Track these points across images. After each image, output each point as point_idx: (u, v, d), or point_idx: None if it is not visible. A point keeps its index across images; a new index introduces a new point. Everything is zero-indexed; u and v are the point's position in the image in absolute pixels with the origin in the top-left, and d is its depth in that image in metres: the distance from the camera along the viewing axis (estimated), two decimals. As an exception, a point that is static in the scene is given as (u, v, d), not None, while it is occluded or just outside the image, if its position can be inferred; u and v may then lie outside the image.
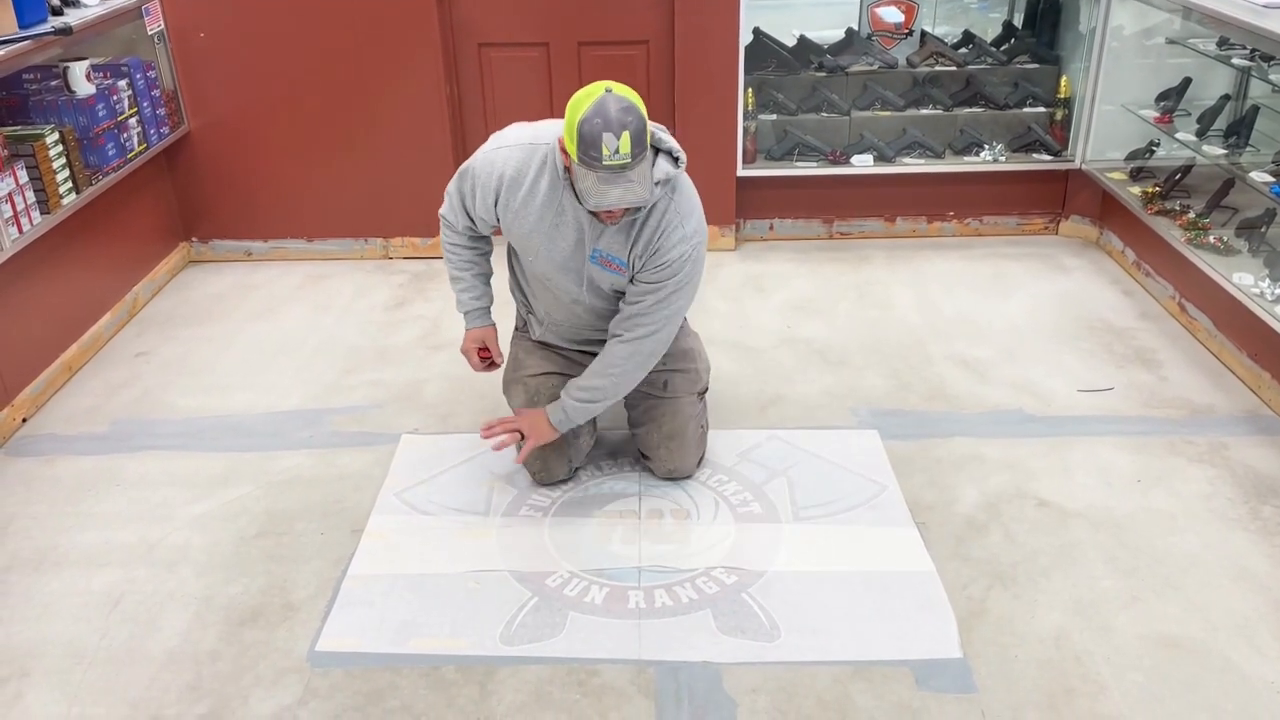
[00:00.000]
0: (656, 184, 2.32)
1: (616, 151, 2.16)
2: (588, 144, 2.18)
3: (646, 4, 3.95)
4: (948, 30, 4.46)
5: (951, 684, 2.13)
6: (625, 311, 2.52)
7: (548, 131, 2.47)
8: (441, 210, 2.69)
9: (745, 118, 4.07)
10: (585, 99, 2.21)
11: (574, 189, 2.34)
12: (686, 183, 2.50)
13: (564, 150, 2.28)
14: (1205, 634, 2.25)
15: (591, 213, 2.37)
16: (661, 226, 2.42)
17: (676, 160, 2.38)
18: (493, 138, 2.55)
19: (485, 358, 2.81)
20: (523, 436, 2.64)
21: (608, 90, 2.21)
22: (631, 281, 2.50)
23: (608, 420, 2.98)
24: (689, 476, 2.80)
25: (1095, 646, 2.22)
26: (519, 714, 2.10)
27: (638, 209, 2.38)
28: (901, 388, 3.23)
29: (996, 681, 2.14)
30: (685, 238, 2.44)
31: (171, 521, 2.70)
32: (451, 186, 2.64)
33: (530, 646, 2.26)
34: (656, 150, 2.35)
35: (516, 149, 2.48)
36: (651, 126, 2.30)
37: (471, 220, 2.63)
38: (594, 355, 2.74)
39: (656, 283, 2.46)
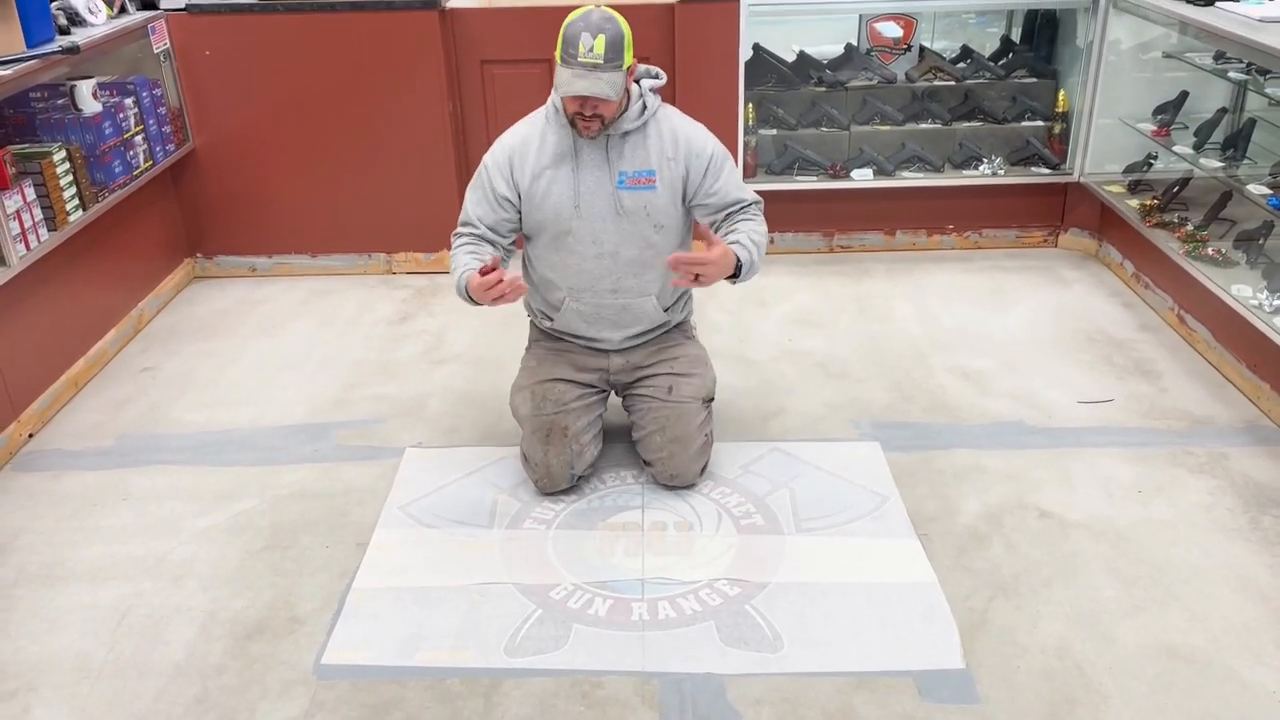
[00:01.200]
0: (653, 91, 2.63)
1: (591, 50, 2.41)
2: (568, 42, 2.44)
3: (647, 20, 3.99)
4: (946, 45, 4.49)
5: (954, 694, 2.14)
6: (720, 206, 2.70)
7: (541, 108, 2.71)
8: (456, 231, 2.77)
9: (746, 133, 4.11)
10: (576, 11, 2.49)
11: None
12: (672, 107, 2.75)
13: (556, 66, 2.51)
14: (1207, 643, 2.26)
15: (571, 124, 2.56)
16: (675, 131, 2.66)
17: (657, 76, 2.68)
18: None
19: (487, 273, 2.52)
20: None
21: (596, 5, 2.52)
22: (701, 187, 2.67)
23: (611, 429, 3.00)
24: (691, 485, 2.81)
25: (1097, 656, 2.23)
26: (524, 726, 2.11)
27: (613, 124, 2.57)
28: (903, 399, 3.25)
29: (999, 692, 2.15)
30: (705, 131, 2.71)
31: (178, 535, 2.72)
32: (467, 199, 2.74)
33: (535, 658, 2.27)
34: (638, 82, 2.64)
35: (517, 126, 2.71)
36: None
37: (492, 228, 2.71)
38: (603, 350, 2.81)
39: (716, 171, 2.68)
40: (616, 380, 2.87)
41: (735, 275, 2.60)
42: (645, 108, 2.61)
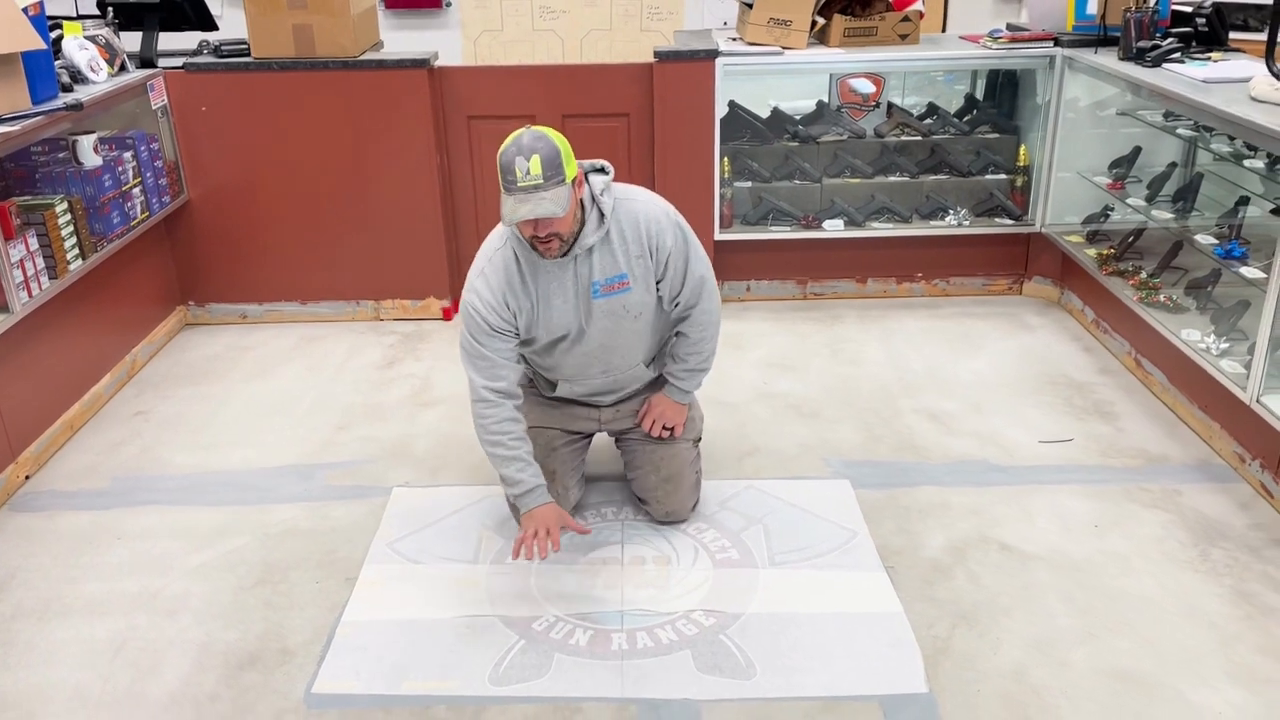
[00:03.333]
0: (601, 194, 2.56)
1: (528, 173, 2.36)
2: (504, 170, 2.39)
3: (627, 79, 4.17)
4: (914, 101, 4.70)
5: (918, 717, 2.25)
6: (678, 309, 2.74)
7: (492, 241, 2.65)
8: (476, 393, 2.63)
9: (722, 185, 4.28)
10: (508, 139, 2.43)
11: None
12: (622, 186, 2.67)
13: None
14: (1157, 668, 2.38)
15: (532, 247, 2.51)
16: (637, 225, 2.60)
17: (603, 170, 2.62)
18: (465, 293, 2.62)
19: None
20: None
21: (527, 128, 2.45)
22: (659, 285, 2.67)
23: (593, 470, 3.11)
24: (684, 520, 2.93)
25: (1053, 680, 2.35)
26: (507, 750, 2.20)
27: (577, 242, 2.54)
28: (872, 440, 3.38)
29: (960, 714, 2.26)
30: (662, 214, 2.64)
31: (171, 572, 2.80)
32: (469, 369, 2.63)
33: (518, 687, 2.37)
34: (587, 175, 2.57)
35: (490, 268, 2.59)
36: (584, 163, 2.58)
37: (506, 374, 2.62)
38: (594, 405, 2.90)
39: (679, 267, 2.66)
40: (609, 428, 2.98)
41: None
42: (602, 216, 2.56)
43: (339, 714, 2.31)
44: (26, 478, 3.26)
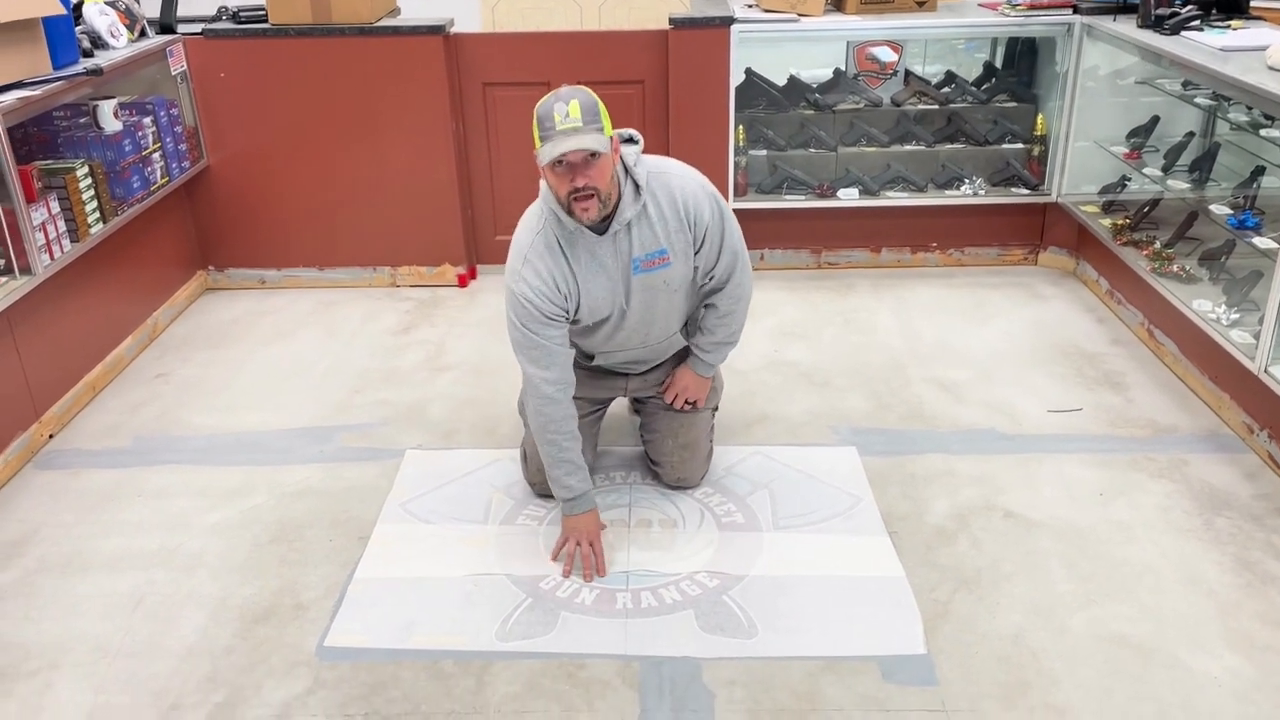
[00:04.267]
0: (635, 165, 2.50)
1: (567, 116, 2.31)
2: (543, 119, 2.34)
3: (642, 46, 4.18)
4: (936, 70, 4.67)
5: (915, 677, 2.29)
6: (711, 283, 2.71)
7: (527, 227, 2.58)
8: (537, 389, 2.60)
9: (736, 153, 4.28)
10: (544, 97, 2.39)
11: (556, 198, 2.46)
12: (655, 159, 2.61)
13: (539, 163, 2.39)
14: (1155, 634, 2.41)
15: (568, 211, 2.43)
16: (674, 199, 2.55)
17: (633, 140, 2.56)
18: (513, 284, 2.54)
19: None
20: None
21: (563, 85, 2.44)
22: (697, 255, 2.62)
23: (606, 441, 3.15)
24: (694, 487, 2.97)
25: (1051, 644, 2.38)
26: (512, 703, 2.26)
27: (615, 215, 2.49)
28: (881, 408, 3.40)
29: (957, 675, 2.29)
30: (699, 187, 2.59)
31: (190, 529, 2.88)
32: (525, 362, 2.60)
33: (524, 643, 2.43)
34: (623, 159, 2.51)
35: (530, 254, 2.53)
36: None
37: (562, 359, 2.60)
38: (625, 374, 2.91)
39: (715, 241, 2.62)
40: (633, 395, 3.01)
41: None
42: (639, 188, 2.51)
43: (350, 666, 2.37)
44: (50, 436, 3.34)
